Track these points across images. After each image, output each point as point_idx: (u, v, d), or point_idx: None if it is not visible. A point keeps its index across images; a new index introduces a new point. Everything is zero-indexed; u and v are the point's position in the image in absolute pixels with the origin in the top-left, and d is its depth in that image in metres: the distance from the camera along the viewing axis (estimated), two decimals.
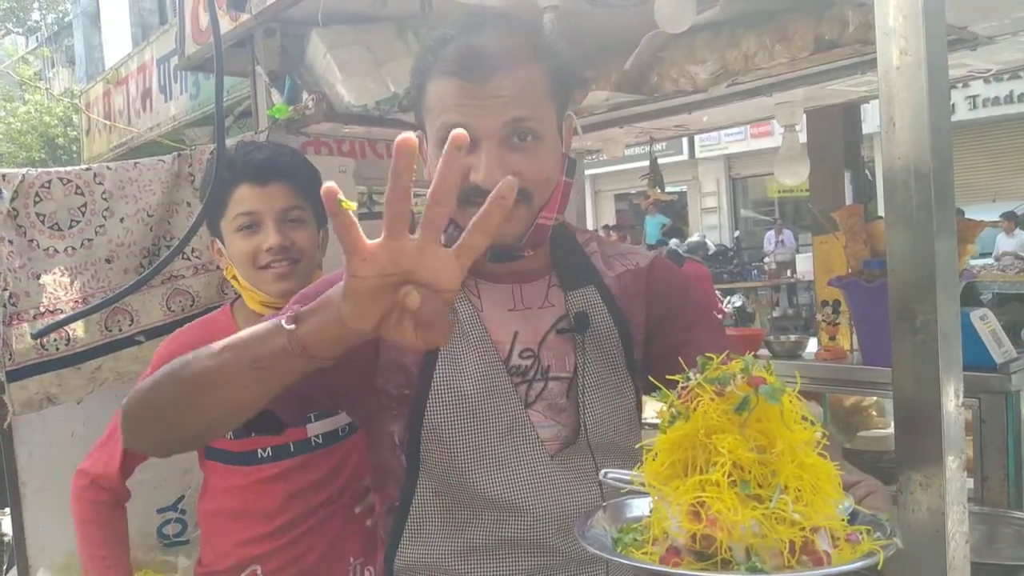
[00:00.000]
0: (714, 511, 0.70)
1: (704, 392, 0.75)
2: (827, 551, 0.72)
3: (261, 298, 1.74)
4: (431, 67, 1.18)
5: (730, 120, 2.97)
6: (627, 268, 1.34)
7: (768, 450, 0.73)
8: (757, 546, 0.69)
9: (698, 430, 0.74)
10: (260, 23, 2.22)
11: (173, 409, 1.05)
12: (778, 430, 0.73)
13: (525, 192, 1.16)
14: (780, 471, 0.71)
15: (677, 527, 0.73)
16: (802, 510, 0.70)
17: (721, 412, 0.73)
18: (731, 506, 0.69)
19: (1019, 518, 1.80)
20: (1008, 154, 15.57)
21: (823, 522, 0.71)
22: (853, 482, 1.00)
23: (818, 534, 0.71)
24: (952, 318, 0.89)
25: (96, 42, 16.56)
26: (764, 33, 2.03)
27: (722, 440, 0.72)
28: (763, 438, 0.73)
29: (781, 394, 0.73)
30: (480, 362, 1.21)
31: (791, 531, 0.69)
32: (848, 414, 2.50)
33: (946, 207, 0.87)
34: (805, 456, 0.73)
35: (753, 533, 0.69)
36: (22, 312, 2.07)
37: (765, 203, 20.53)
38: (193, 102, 5.26)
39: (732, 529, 0.69)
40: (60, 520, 2.22)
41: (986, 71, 2.32)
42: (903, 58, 0.86)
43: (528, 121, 1.14)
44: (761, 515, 0.69)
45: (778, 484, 0.71)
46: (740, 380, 0.75)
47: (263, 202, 1.70)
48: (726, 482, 0.71)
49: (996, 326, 1.97)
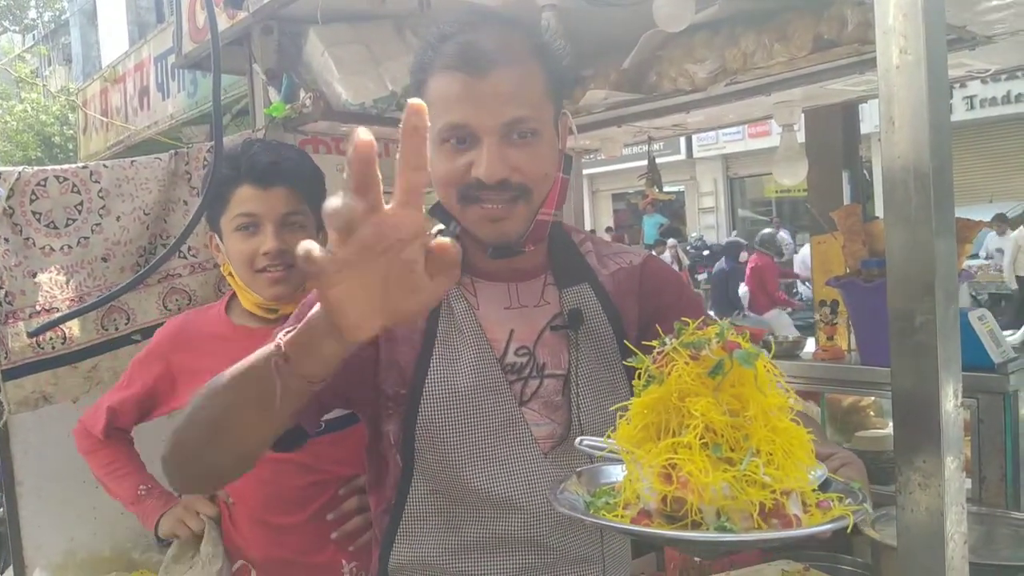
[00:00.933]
0: (685, 473, 0.69)
1: (679, 356, 0.74)
2: (797, 515, 0.71)
3: (255, 299, 1.75)
4: (432, 62, 1.19)
5: (728, 119, 2.96)
6: (621, 266, 1.35)
7: (741, 414, 0.72)
8: (727, 508, 0.69)
9: (671, 394, 0.74)
10: (258, 21, 2.21)
11: (202, 454, 1.05)
12: (751, 394, 0.73)
13: (524, 188, 1.17)
14: (752, 435, 0.71)
15: (649, 490, 0.72)
16: (773, 473, 0.70)
17: (695, 376, 0.73)
18: (702, 468, 0.69)
19: (1017, 518, 1.80)
20: (1006, 154, 15.60)
21: (794, 485, 0.70)
22: (828, 454, 1.00)
23: (789, 498, 0.71)
24: (951, 318, 0.88)
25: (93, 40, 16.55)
26: (763, 32, 2.02)
27: (695, 403, 0.72)
28: (736, 402, 0.73)
29: (755, 358, 0.73)
30: (474, 360, 1.21)
31: (761, 493, 0.69)
32: (846, 414, 2.50)
33: (945, 207, 0.87)
34: (778, 421, 0.72)
35: (724, 495, 0.69)
36: (18, 311, 2.06)
37: (763, 203, 20.55)
38: (190, 100, 5.25)
39: (703, 491, 0.69)
40: (56, 519, 2.22)
41: (984, 71, 2.32)
42: (903, 57, 0.86)
43: (528, 119, 1.16)
44: (732, 477, 0.69)
45: (750, 447, 0.70)
46: (715, 344, 0.74)
47: (264, 205, 1.71)
48: (698, 444, 0.70)
49: (994, 326, 1.97)
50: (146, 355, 1.84)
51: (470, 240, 1.25)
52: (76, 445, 1.90)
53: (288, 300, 1.76)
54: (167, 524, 1.80)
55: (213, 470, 1.08)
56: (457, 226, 1.25)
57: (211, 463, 1.05)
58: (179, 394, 1.80)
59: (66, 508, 2.22)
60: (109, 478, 1.86)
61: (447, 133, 1.17)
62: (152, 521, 1.81)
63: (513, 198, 1.17)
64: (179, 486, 1.12)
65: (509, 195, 1.17)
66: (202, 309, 1.91)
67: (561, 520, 1.23)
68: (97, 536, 2.26)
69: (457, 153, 1.17)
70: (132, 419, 1.85)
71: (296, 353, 0.88)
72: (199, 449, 1.04)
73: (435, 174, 1.21)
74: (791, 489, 0.71)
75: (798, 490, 0.72)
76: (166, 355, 1.80)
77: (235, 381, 0.96)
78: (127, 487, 1.84)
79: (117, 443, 1.88)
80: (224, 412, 0.98)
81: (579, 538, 1.25)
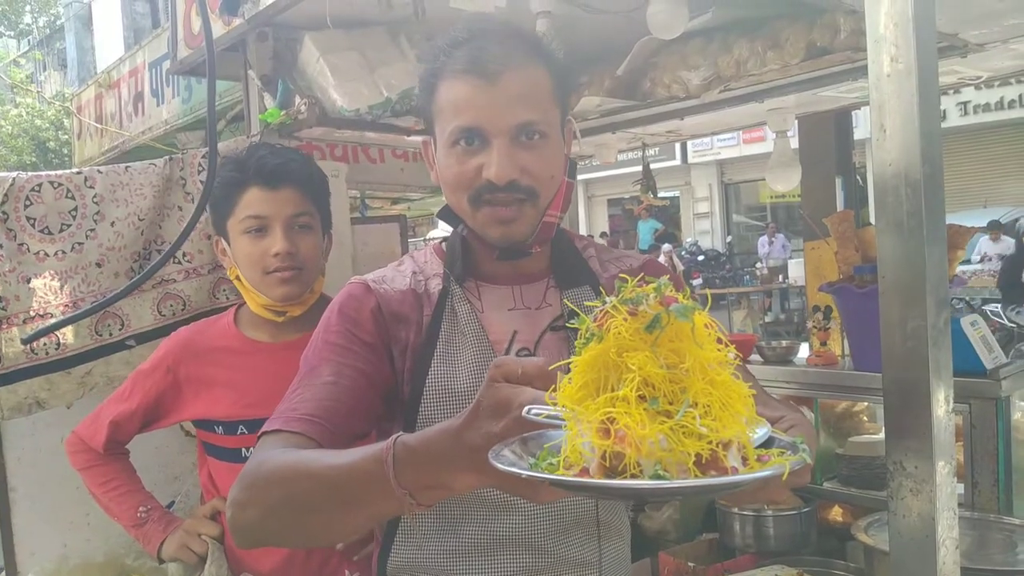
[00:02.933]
0: (622, 427, 0.70)
1: (618, 313, 0.75)
2: (735, 467, 0.72)
3: (263, 301, 1.75)
4: (443, 68, 1.21)
5: (722, 126, 2.98)
6: (621, 270, 1.36)
7: (678, 367, 0.73)
8: (665, 461, 0.70)
9: (610, 349, 0.75)
10: (253, 27, 2.21)
11: (287, 534, 1.07)
12: (689, 348, 0.73)
13: (532, 190, 1.20)
14: (690, 387, 0.72)
15: (588, 446, 0.73)
16: (710, 424, 0.70)
17: (633, 331, 0.74)
18: (639, 421, 0.70)
19: (1009, 523, 1.81)
20: (999, 160, 15.66)
21: (730, 435, 0.71)
22: (777, 416, 1.01)
23: (728, 451, 0.71)
24: (942, 323, 0.89)
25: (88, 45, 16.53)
26: (756, 39, 2.03)
27: (632, 358, 0.72)
28: (674, 356, 0.73)
29: (692, 312, 0.73)
30: (474, 361, 1.23)
31: (698, 444, 0.69)
32: (839, 419, 2.50)
33: (936, 214, 0.87)
34: (716, 374, 0.73)
35: (661, 448, 0.70)
36: (12, 316, 2.06)
37: (758, 208, 20.59)
38: (185, 106, 5.25)
39: (640, 444, 0.69)
40: (49, 526, 2.21)
41: (976, 78, 2.33)
42: (894, 65, 0.86)
43: (537, 122, 1.19)
44: (669, 429, 0.70)
45: (686, 399, 0.71)
46: (652, 300, 0.75)
47: (273, 207, 1.71)
48: (634, 398, 0.71)
49: (986, 331, 1.97)
50: (151, 367, 1.82)
51: (477, 243, 1.28)
52: (70, 460, 1.86)
53: (297, 301, 1.76)
54: (170, 548, 1.77)
55: (295, 542, 1.10)
56: (464, 228, 1.28)
57: (294, 540, 1.09)
58: (185, 406, 1.80)
59: (59, 514, 2.21)
60: (108, 497, 1.83)
61: (458, 135, 1.19)
62: (155, 546, 1.78)
63: (521, 200, 1.20)
64: (246, 543, 1.13)
65: (518, 197, 1.19)
66: (210, 320, 1.90)
67: (559, 523, 1.24)
68: (90, 542, 2.25)
69: (468, 156, 1.19)
70: (134, 432, 1.84)
71: (422, 493, 0.91)
72: (283, 531, 1.05)
73: (445, 177, 1.23)
74: (730, 440, 0.71)
75: (737, 442, 0.73)
76: (173, 367, 1.79)
77: (342, 485, 0.96)
78: (127, 508, 1.81)
79: (115, 459, 1.85)
80: (319, 507, 0.98)
81: (577, 541, 1.26)
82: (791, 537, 2.22)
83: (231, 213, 1.73)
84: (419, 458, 0.88)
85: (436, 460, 0.87)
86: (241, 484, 1.05)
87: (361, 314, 1.24)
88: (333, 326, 1.23)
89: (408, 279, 1.29)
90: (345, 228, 2.42)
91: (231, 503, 1.06)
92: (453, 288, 1.28)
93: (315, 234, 1.77)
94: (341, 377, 1.17)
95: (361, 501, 0.94)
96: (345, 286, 1.30)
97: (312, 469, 0.99)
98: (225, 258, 1.81)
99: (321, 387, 1.16)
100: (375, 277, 1.30)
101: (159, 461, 2.27)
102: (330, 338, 1.22)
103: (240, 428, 1.75)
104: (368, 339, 1.22)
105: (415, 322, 1.25)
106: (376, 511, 0.95)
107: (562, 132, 1.26)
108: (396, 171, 2.85)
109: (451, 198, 1.25)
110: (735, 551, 2.29)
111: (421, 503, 0.91)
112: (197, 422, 1.83)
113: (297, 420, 1.11)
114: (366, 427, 1.22)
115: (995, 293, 9.88)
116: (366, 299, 1.25)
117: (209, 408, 1.77)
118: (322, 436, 1.10)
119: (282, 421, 1.12)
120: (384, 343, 1.23)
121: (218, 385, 1.77)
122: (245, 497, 1.04)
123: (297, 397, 1.15)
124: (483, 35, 1.21)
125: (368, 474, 0.91)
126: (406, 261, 1.35)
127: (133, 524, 1.81)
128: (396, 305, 1.25)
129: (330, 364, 1.18)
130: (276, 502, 1.01)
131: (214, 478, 1.83)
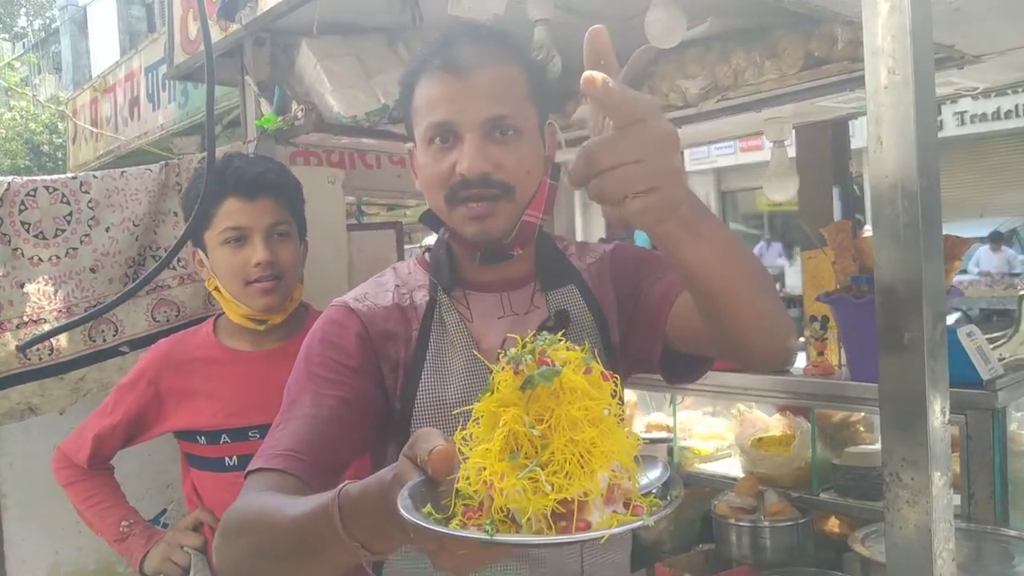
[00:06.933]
0: (485, 476, 0.76)
1: (506, 368, 0.82)
2: (588, 521, 0.76)
3: (244, 311, 1.75)
4: (418, 71, 1.22)
5: (720, 134, 2.98)
6: (595, 258, 1.38)
7: (544, 424, 0.79)
8: (525, 511, 0.75)
9: (494, 403, 0.81)
10: (250, 33, 2.21)
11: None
12: (555, 406, 0.79)
13: (507, 186, 1.19)
14: (550, 444, 0.77)
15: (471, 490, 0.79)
16: (556, 480, 0.75)
17: (512, 388, 0.80)
18: (499, 472, 0.76)
19: (1006, 535, 1.80)
20: (996, 170, 15.69)
21: (573, 492, 0.75)
22: None
23: (590, 503, 0.76)
24: (939, 335, 0.89)
25: (83, 49, 16.52)
26: (754, 49, 2.04)
27: (505, 413, 0.79)
28: (547, 413, 0.79)
29: (555, 375, 0.78)
30: (465, 371, 1.23)
31: (545, 500, 0.74)
32: (836, 430, 2.50)
33: (933, 226, 0.87)
34: (580, 432, 0.78)
35: (519, 499, 0.75)
36: (5, 321, 2.05)
37: (755, 217, 20.62)
38: (181, 111, 5.25)
39: (506, 493, 0.75)
40: (41, 533, 2.20)
41: (973, 89, 2.34)
42: (891, 77, 0.86)
43: (509, 116, 1.18)
44: (524, 483, 0.75)
45: (536, 457, 0.77)
46: (529, 361, 0.80)
47: (251, 217, 1.71)
48: (497, 451, 0.78)
49: (983, 342, 1.97)
50: (132, 380, 1.82)
51: (459, 246, 1.27)
52: (55, 476, 1.86)
53: (278, 311, 1.76)
54: (153, 562, 1.77)
55: None
56: (446, 231, 1.27)
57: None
58: (167, 418, 1.80)
59: (51, 522, 2.20)
60: (91, 512, 1.83)
61: (431, 132, 1.19)
62: (137, 559, 1.78)
63: (496, 196, 1.19)
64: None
65: (492, 192, 1.18)
66: (189, 332, 1.89)
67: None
68: (82, 550, 2.24)
69: (442, 153, 1.19)
70: (118, 446, 1.84)
71: (373, 543, 0.88)
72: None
73: (423, 178, 1.23)
74: (572, 497, 0.76)
75: (618, 488, 0.79)
76: (154, 379, 1.79)
77: (299, 536, 0.94)
78: (110, 523, 1.81)
79: (99, 475, 1.85)
80: (283, 556, 0.97)
81: (573, 552, 1.25)
82: (788, 548, 2.21)
83: (209, 225, 1.73)
84: (360, 508, 0.86)
85: (375, 511, 0.85)
86: (220, 529, 1.06)
87: (344, 339, 1.22)
88: (315, 356, 1.22)
89: (391, 294, 1.29)
90: (341, 234, 2.42)
91: (214, 547, 1.08)
92: (441, 298, 1.27)
93: (293, 242, 1.78)
94: (321, 408, 1.15)
95: (318, 551, 0.92)
96: (325, 311, 1.29)
97: (274, 520, 0.97)
98: (203, 269, 1.81)
99: (302, 420, 1.14)
100: (356, 296, 1.29)
101: (151, 468, 2.26)
102: (312, 368, 1.20)
103: (223, 437, 1.75)
104: (353, 364, 1.20)
105: (404, 337, 1.24)
106: (337, 560, 0.93)
107: (541, 132, 1.25)
108: (393, 177, 2.85)
109: (430, 199, 1.25)
110: (731, 562, 2.28)
111: (375, 552, 0.88)
112: (179, 434, 1.82)
113: (278, 457, 1.10)
114: (352, 456, 1.20)
115: (992, 303, 9.90)
116: (349, 323, 1.24)
117: (191, 419, 1.77)
118: (304, 471, 1.09)
119: (264, 459, 1.10)
120: (372, 364, 1.22)
121: (200, 396, 1.77)
122: (221, 543, 1.06)
123: (279, 432, 1.14)
124: (459, 37, 1.22)
125: (319, 525, 0.89)
126: (387, 274, 1.35)
127: (116, 539, 1.80)
128: (382, 323, 1.25)
129: (310, 395, 1.17)
130: (245, 551, 1.02)
131: (198, 489, 1.83)
